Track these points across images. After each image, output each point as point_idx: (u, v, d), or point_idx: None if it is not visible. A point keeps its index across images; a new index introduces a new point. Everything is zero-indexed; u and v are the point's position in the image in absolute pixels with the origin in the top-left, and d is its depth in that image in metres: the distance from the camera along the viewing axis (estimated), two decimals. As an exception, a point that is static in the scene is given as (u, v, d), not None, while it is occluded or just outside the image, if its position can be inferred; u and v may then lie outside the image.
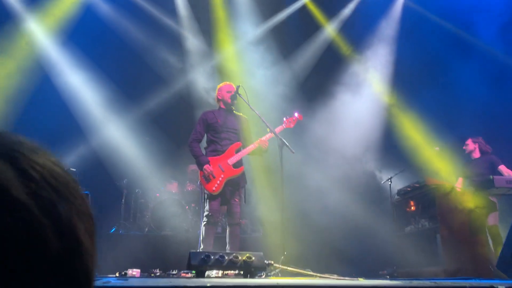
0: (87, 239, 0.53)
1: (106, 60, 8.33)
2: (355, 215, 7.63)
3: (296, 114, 5.27)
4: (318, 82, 8.63)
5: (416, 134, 7.91)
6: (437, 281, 2.02)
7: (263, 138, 5.01)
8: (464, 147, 6.52)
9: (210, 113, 5.23)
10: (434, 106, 7.88)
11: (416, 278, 5.15)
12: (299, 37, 9.12)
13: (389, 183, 6.63)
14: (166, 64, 8.60)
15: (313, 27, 9.10)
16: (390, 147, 7.98)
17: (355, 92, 8.52)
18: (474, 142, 6.44)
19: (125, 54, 8.37)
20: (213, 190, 4.84)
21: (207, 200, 4.92)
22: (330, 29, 9.04)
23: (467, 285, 1.90)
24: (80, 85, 8.25)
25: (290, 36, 9.14)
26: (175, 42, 8.77)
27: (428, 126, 7.62)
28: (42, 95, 7.68)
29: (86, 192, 2.60)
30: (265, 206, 7.48)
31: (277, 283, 1.81)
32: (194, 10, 8.89)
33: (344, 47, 8.89)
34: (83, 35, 8.14)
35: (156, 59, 8.51)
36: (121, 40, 8.32)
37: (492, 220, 5.80)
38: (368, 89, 8.63)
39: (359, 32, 8.93)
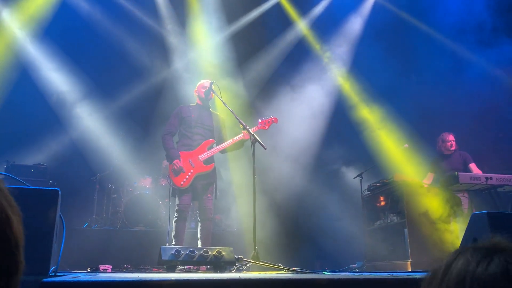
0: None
1: (80, 53, 8.25)
2: (327, 210, 7.79)
3: (271, 116, 5.31)
4: (286, 77, 8.73)
5: (385, 131, 8.08)
6: (394, 274, 2.13)
7: (236, 138, 5.05)
8: (448, 144, 6.50)
9: (185, 108, 5.29)
10: (403, 102, 8.06)
11: (382, 271, 5.31)
12: (271, 33, 9.17)
13: (360, 178, 6.77)
14: (141, 58, 8.56)
15: (285, 24, 9.16)
16: (361, 142, 8.13)
17: (324, 87, 8.65)
18: (452, 139, 6.55)
19: (100, 47, 8.28)
20: (181, 185, 4.88)
21: (178, 195, 4.97)
22: (302, 25, 9.11)
23: (417, 276, 2.02)
24: (54, 80, 8.13)
25: (262, 32, 9.16)
26: (151, 37, 8.72)
27: (397, 122, 7.80)
28: (13, 90, 7.57)
29: (56, 189, 2.63)
30: (239, 202, 7.54)
31: (239, 277, 1.88)
32: (170, 4, 8.85)
33: (313, 43, 8.99)
34: (59, 30, 8.04)
35: (131, 53, 8.45)
36: (96, 34, 8.23)
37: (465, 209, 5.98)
38: (336, 85, 8.76)
39: (329, 29, 9.05)
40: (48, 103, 8.02)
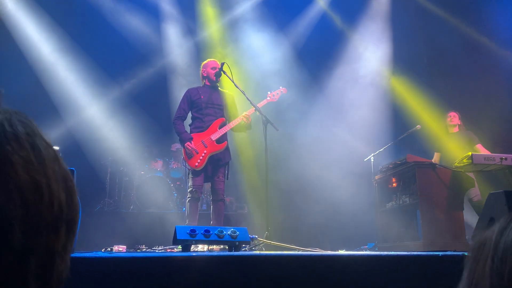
0: None
1: (91, 42, 8.22)
2: (338, 191, 7.75)
3: (280, 88, 5.34)
4: (308, 57, 8.58)
5: (414, 108, 8.00)
6: (413, 252, 2.12)
7: (246, 112, 5.05)
8: (448, 119, 6.53)
9: (194, 90, 5.25)
10: (430, 84, 7.96)
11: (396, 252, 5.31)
12: (289, 11, 8.97)
13: (372, 160, 6.73)
14: (149, 41, 8.50)
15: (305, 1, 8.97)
16: (378, 123, 8.06)
17: (347, 68, 8.55)
18: (459, 117, 6.54)
19: (107, 32, 8.22)
20: (196, 166, 4.88)
21: (191, 176, 4.98)
22: (322, 3, 8.88)
23: (440, 253, 2.00)
24: (64, 63, 8.10)
25: (280, 10, 8.93)
26: (158, 19, 8.65)
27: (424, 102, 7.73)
28: (21, 69, 7.57)
29: (71, 168, 2.61)
30: (249, 183, 7.55)
31: (259, 254, 1.88)
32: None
33: (337, 21, 8.80)
34: (64, 14, 8.00)
35: (138, 37, 8.39)
36: (101, 17, 8.17)
37: (474, 194, 5.96)
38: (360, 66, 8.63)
39: (353, 6, 8.87)
40: (61, 85, 8.01)
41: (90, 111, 8.13)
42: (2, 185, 0.53)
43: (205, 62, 5.35)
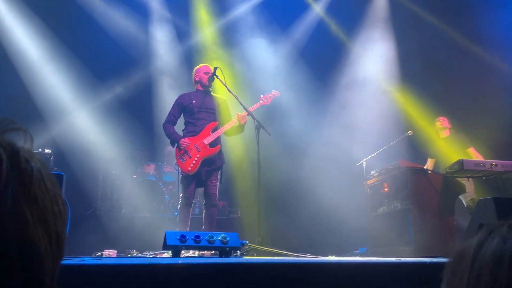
0: None
1: (80, 45, 8.18)
2: (331, 196, 7.76)
3: (273, 91, 5.36)
4: (302, 61, 8.59)
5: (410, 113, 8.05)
6: (401, 259, 2.13)
7: (241, 114, 5.03)
8: (438, 122, 6.57)
9: (186, 95, 5.24)
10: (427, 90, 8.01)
11: (386, 257, 5.32)
12: (285, 17, 8.96)
13: (364, 164, 6.75)
14: (140, 44, 8.48)
15: (301, 7, 8.98)
16: (371, 127, 8.08)
17: (341, 72, 8.57)
18: (449, 121, 6.59)
19: (97, 35, 8.18)
20: (189, 170, 4.86)
21: (183, 181, 4.96)
22: (318, 9, 8.88)
23: (427, 261, 2.01)
24: (52, 69, 8.02)
25: (275, 15, 8.90)
26: (150, 22, 8.63)
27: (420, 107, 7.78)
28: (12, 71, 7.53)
29: (60, 173, 2.60)
30: (242, 188, 7.54)
31: (247, 261, 1.88)
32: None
33: (332, 27, 8.82)
34: (54, 17, 7.96)
35: (129, 40, 8.36)
36: (92, 20, 8.14)
37: (469, 196, 5.98)
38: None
39: (349, 13, 8.90)
40: (53, 89, 7.96)
41: (81, 114, 8.06)
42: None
43: (197, 67, 5.35)
